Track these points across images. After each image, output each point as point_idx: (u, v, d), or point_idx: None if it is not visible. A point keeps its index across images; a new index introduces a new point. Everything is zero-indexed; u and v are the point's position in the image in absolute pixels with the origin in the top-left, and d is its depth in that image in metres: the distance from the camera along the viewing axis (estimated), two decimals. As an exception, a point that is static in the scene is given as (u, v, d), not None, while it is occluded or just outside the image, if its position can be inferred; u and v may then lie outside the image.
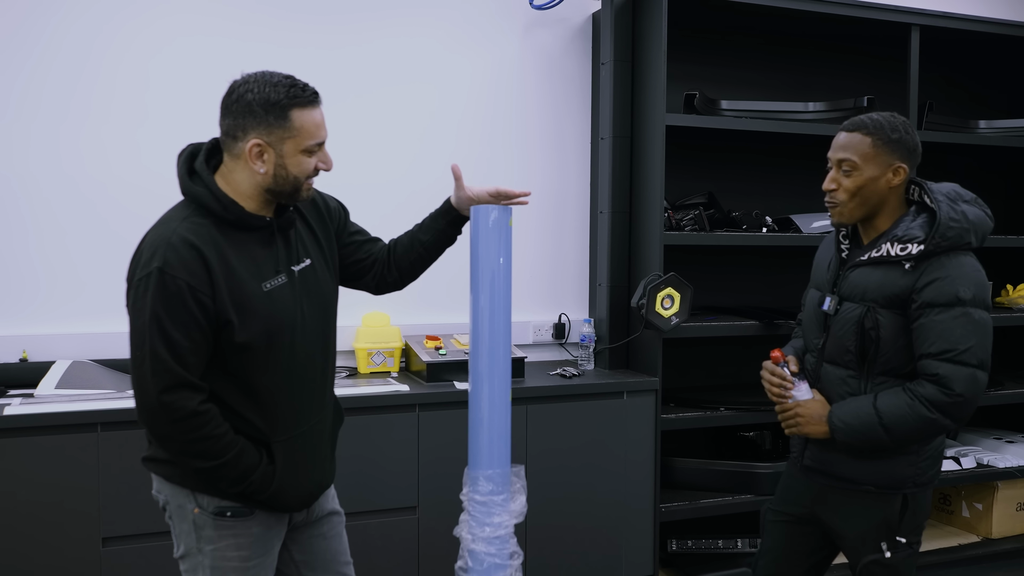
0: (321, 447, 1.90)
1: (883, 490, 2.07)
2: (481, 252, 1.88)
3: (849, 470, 2.10)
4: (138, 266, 1.68)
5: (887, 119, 2.05)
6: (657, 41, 3.17)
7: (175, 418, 1.64)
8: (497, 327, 1.87)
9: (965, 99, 4.21)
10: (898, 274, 2.00)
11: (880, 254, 2.03)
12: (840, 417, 2.04)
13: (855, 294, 2.06)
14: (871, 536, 2.08)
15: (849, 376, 2.08)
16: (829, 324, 2.12)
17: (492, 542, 1.82)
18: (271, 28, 3.13)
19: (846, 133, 2.06)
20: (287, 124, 1.71)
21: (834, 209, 2.08)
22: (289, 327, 1.78)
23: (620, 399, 3.09)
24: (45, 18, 2.88)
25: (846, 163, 2.03)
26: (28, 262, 2.90)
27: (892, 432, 1.98)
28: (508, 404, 1.88)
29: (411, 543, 2.83)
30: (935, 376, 1.95)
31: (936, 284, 1.95)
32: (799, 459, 2.22)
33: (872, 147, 2.01)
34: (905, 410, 1.97)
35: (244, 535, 1.78)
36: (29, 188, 2.89)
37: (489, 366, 1.86)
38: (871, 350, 2.03)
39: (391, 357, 3.17)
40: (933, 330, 1.95)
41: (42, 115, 2.89)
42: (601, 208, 3.38)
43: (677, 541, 3.41)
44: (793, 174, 3.84)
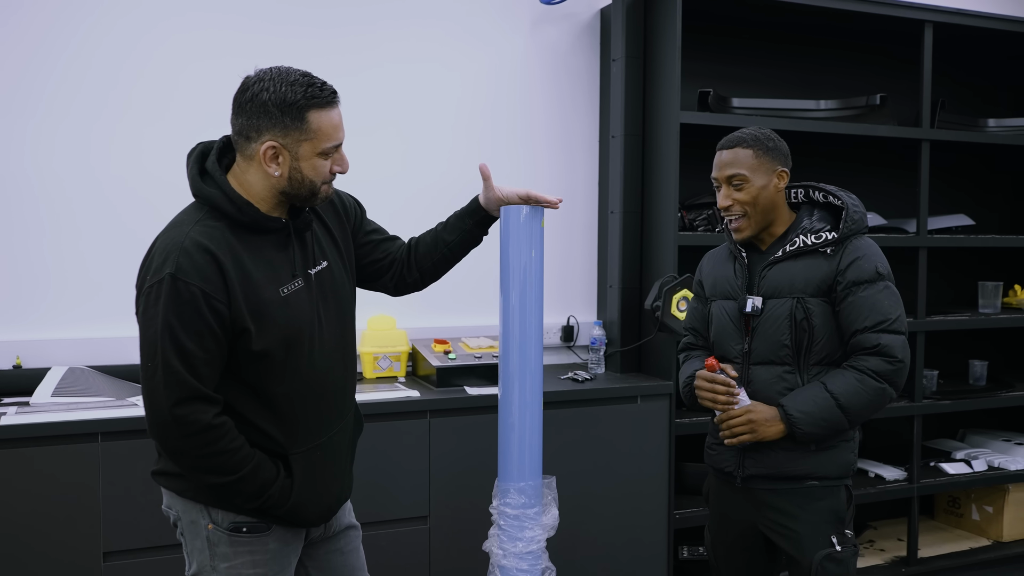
0: (341, 458, 1.82)
1: (826, 482, 2.09)
2: (512, 253, 1.80)
3: (792, 467, 2.10)
4: (149, 272, 1.59)
5: (759, 132, 2.15)
6: (671, 37, 3.09)
7: (188, 432, 1.56)
8: (528, 319, 1.79)
9: (972, 97, 4.17)
10: (820, 260, 2.08)
11: (796, 247, 2.10)
12: (797, 408, 2.04)
13: (780, 289, 2.10)
14: (821, 531, 2.08)
15: (785, 372, 2.10)
16: (752, 327, 2.13)
17: (524, 557, 1.75)
18: (278, 22, 3.04)
19: (727, 150, 2.14)
20: (304, 126, 1.62)
21: (738, 223, 2.13)
22: (308, 333, 1.70)
23: (634, 403, 3.02)
24: (76, 21, 2.83)
25: (736, 177, 2.11)
26: (19, 265, 2.80)
27: (849, 411, 2.02)
28: (540, 412, 1.81)
29: (422, 554, 2.75)
30: (876, 347, 2.01)
31: (857, 263, 2.05)
32: (736, 472, 2.18)
33: (755, 157, 2.11)
34: (857, 386, 2.01)
35: (260, 551, 1.69)
36: (22, 189, 2.79)
37: (520, 375, 1.78)
38: (805, 340, 2.07)
39: (398, 361, 3.09)
40: (864, 305, 2.03)
41: (39, 115, 2.80)
42: (612, 208, 3.31)
43: (689, 548, 3.35)
44: (801, 173, 3.77)
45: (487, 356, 3.00)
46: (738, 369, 2.15)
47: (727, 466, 2.21)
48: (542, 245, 1.83)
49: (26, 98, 2.78)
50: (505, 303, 1.82)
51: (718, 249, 2.34)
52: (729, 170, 2.12)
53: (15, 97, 2.77)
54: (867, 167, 3.81)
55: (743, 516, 2.22)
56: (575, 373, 3.13)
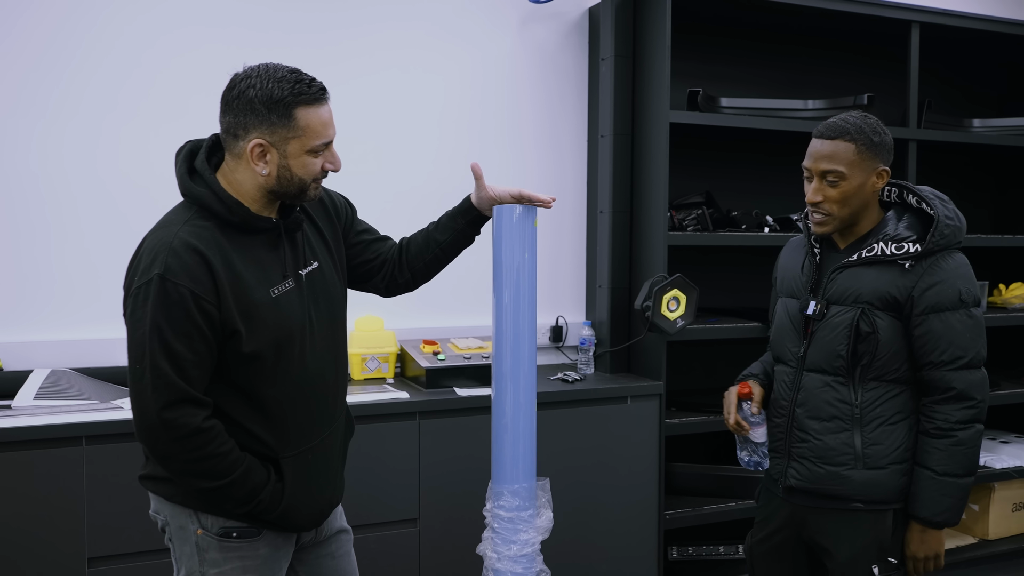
0: (332, 462, 1.79)
1: (873, 506, 1.97)
2: (505, 253, 1.78)
3: (837, 487, 1.99)
4: (137, 273, 1.56)
5: (865, 121, 1.96)
6: (661, 37, 3.08)
7: (177, 436, 1.53)
8: (521, 321, 1.76)
9: (958, 97, 4.19)
10: (896, 274, 1.92)
11: (874, 254, 1.94)
12: (935, 512, 1.92)
13: (846, 296, 1.96)
14: (862, 558, 1.98)
15: (836, 382, 1.98)
16: (812, 330, 2.01)
17: (519, 560, 1.73)
18: (266, 28, 3.00)
19: (827, 140, 1.94)
20: (291, 123, 1.59)
21: (822, 219, 1.97)
22: (299, 335, 1.67)
23: (624, 404, 3.01)
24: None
25: (832, 174, 1.92)
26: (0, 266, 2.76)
27: (970, 472, 1.92)
28: (534, 413, 1.79)
29: (412, 557, 2.73)
30: (953, 392, 1.90)
31: (939, 287, 1.90)
32: (781, 479, 2.10)
33: (857, 154, 1.92)
34: (957, 450, 1.90)
35: (251, 557, 1.66)
36: (11, 188, 2.74)
37: (513, 377, 1.76)
38: (867, 354, 1.94)
39: (386, 363, 3.06)
40: (941, 337, 1.90)
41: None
42: (601, 208, 3.30)
43: (678, 548, 3.34)
44: (789, 173, 3.76)
45: (477, 357, 2.97)
46: (791, 373, 2.07)
47: (774, 472, 2.13)
48: (535, 245, 1.81)
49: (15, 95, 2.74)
50: (498, 303, 1.80)
51: (797, 239, 2.19)
52: (825, 164, 1.93)
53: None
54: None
55: (785, 525, 2.13)
56: (565, 374, 3.11)
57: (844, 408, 1.98)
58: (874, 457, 1.96)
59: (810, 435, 2.02)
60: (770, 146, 3.69)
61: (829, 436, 1.99)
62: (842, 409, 1.98)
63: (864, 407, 1.97)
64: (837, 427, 1.98)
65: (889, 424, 1.96)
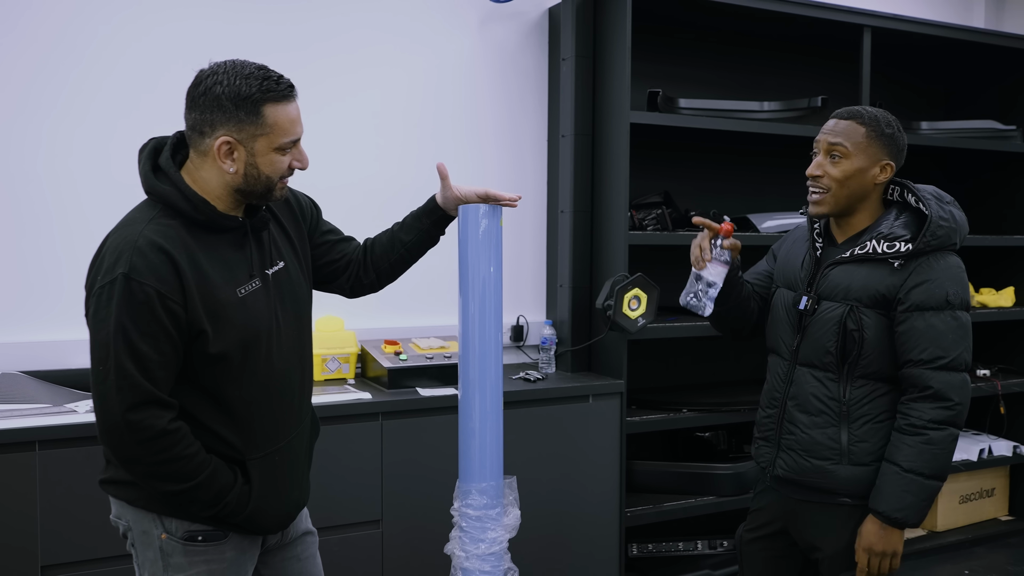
0: (298, 464, 1.77)
1: (860, 501, 1.98)
2: (471, 252, 1.78)
3: (822, 480, 2.00)
4: (100, 272, 1.52)
5: (881, 114, 1.99)
6: (621, 38, 3.11)
7: (143, 439, 1.49)
8: (488, 331, 1.77)
9: (912, 99, 4.30)
10: (885, 272, 1.93)
11: (865, 251, 1.95)
12: (894, 508, 1.90)
13: (836, 293, 1.98)
14: (849, 552, 1.99)
15: (827, 378, 2.00)
16: (804, 325, 2.03)
17: (487, 559, 1.72)
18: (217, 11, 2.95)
19: (842, 120, 1.98)
20: (259, 120, 1.57)
21: (818, 197, 1.98)
22: (265, 335, 1.65)
23: (585, 402, 3.02)
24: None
25: (837, 148, 1.95)
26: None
27: (937, 474, 1.90)
28: (500, 411, 1.79)
29: (375, 559, 2.71)
30: (929, 391, 1.89)
31: (925, 286, 1.90)
32: (770, 468, 2.12)
33: (866, 137, 1.95)
34: (928, 449, 1.88)
35: (217, 561, 1.64)
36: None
37: (481, 376, 1.75)
38: (853, 352, 1.95)
39: (346, 363, 3.03)
40: (924, 335, 1.89)
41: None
42: (562, 207, 3.31)
43: (638, 545, 3.37)
44: (745, 173, 3.85)
45: (439, 357, 2.96)
46: (785, 366, 2.08)
47: (763, 461, 2.14)
48: (501, 244, 1.81)
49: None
50: (464, 304, 1.79)
51: (803, 230, 2.18)
52: (833, 138, 1.95)
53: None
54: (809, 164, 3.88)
55: (775, 518, 2.13)
56: (526, 373, 3.12)
57: (832, 404, 2.00)
58: (859, 454, 1.97)
59: (799, 428, 2.04)
60: (727, 147, 3.75)
61: (816, 430, 2.01)
62: (830, 405, 2.00)
63: (851, 404, 1.98)
64: (825, 422, 2.00)
65: (876, 422, 1.97)
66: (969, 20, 4.49)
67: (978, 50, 3.98)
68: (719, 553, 3.43)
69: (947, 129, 3.92)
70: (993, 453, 3.97)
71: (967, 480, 4.05)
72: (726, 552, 3.44)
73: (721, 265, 2.01)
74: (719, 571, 3.37)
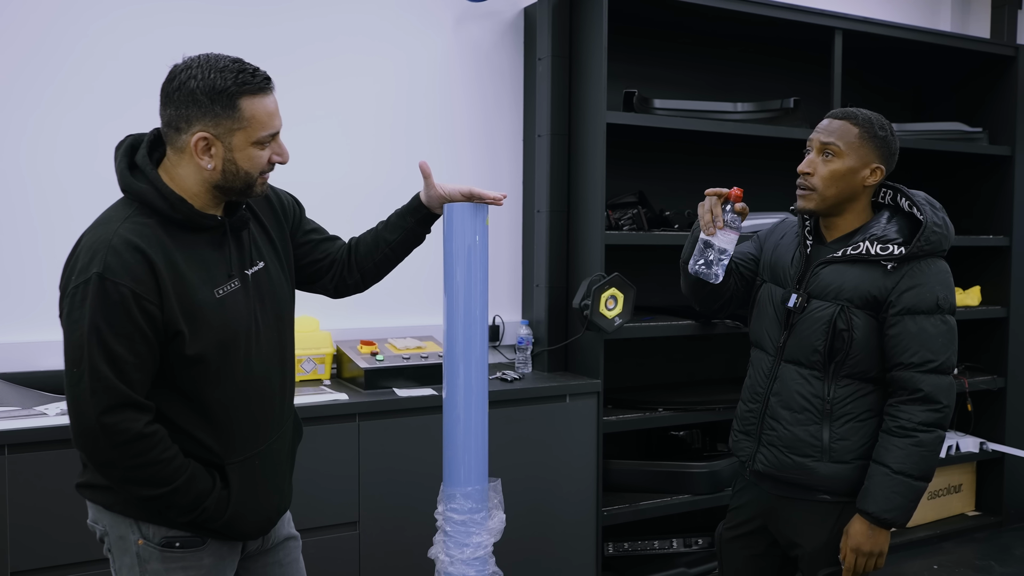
0: (280, 468, 1.74)
1: (839, 498, 2.01)
2: (457, 251, 1.76)
3: (802, 477, 2.02)
4: (74, 272, 1.49)
5: (875, 117, 2.02)
6: (597, 38, 3.11)
7: (118, 442, 1.46)
8: (473, 333, 1.75)
9: (883, 102, 4.35)
10: (878, 274, 1.95)
11: (858, 252, 1.97)
12: (883, 508, 1.91)
13: (827, 292, 1.99)
14: (828, 549, 2.02)
15: (812, 376, 2.01)
16: (793, 322, 2.04)
17: (472, 563, 1.71)
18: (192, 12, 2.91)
19: (836, 120, 2.01)
20: (236, 114, 1.54)
21: (807, 194, 2.00)
22: (244, 337, 1.62)
23: (563, 402, 3.02)
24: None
25: (830, 147, 1.97)
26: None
27: (925, 475, 1.92)
28: (485, 413, 1.78)
29: (352, 561, 2.68)
30: (920, 394, 1.91)
31: (917, 290, 1.92)
32: (749, 462, 2.13)
33: (858, 138, 1.98)
34: (917, 451, 1.90)
35: (195, 567, 1.61)
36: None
37: (466, 380, 1.74)
38: (841, 351, 1.96)
39: (322, 364, 3.00)
40: (916, 338, 1.92)
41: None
42: (538, 207, 3.30)
43: (614, 544, 3.38)
44: (719, 173, 3.86)
45: (416, 357, 2.95)
46: (769, 362, 2.09)
47: (743, 455, 2.15)
48: (487, 243, 1.80)
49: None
50: (450, 302, 1.78)
51: (791, 222, 2.19)
52: (826, 137, 1.98)
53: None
54: (783, 164, 3.91)
55: (755, 516, 2.15)
56: (503, 373, 3.11)
57: (816, 402, 2.01)
58: (840, 452, 1.99)
59: (781, 424, 2.05)
60: (702, 147, 3.77)
61: (799, 427, 2.02)
62: (814, 402, 2.01)
63: (835, 402, 2.00)
64: (807, 419, 2.01)
65: (858, 421, 1.99)
66: (936, 24, 4.57)
67: (945, 53, 4.04)
68: (694, 551, 3.45)
69: (915, 131, 3.97)
70: (960, 450, 4.03)
71: (935, 477, 4.08)
72: (701, 550, 3.46)
73: (732, 231, 2.01)
74: (694, 569, 3.39)
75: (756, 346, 2.17)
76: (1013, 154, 4.05)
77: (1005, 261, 4.11)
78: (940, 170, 4.39)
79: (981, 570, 3.69)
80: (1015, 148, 4.04)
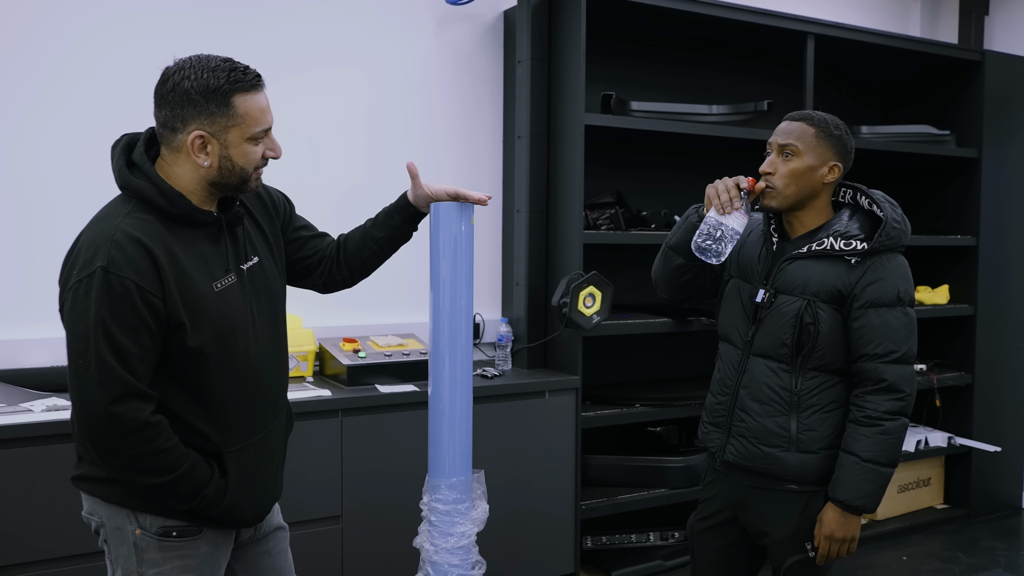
0: (274, 457, 1.79)
1: (806, 487, 2.08)
2: (443, 250, 1.82)
3: (771, 467, 2.08)
4: (75, 267, 1.53)
5: (831, 117, 2.10)
6: (576, 41, 3.17)
7: (125, 431, 1.50)
8: (458, 328, 1.80)
9: (851, 103, 4.46)
10: (841, 269, 2.03)
11: (823, 247, 2.04)
12: (853, 496, 1.98)
13: (794, 287, 2.06)
14: (796, 536, 2.08)
15: (780, 369, 2.07)
16: (761, 317, 2.10)
17: (455, 552, 1.76)
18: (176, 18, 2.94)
19: (793, 122, 2.10)
20: (230, 111, 1.59)
21: (769, 192, 2.09)
22: (241, 329, 1.66)
23: (542, 398, 3.08)
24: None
25: (789, 148, 2.06)
26: None
27: (892, 461, 2.00)
28: (470, 406, 1.83)
29: (335, 555, 2.73)
30: (884, 384, 1.99)
31: (879, 284, 2.00)
32: (720, 453, 2.19)
33: (815, 137, 2.06)
34: (883, 439, 1.98)
35: (191, 556, 1.65)
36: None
37: (451, 374, 1.79)
38: (808, 344, 2.03)
39: (305, 361, 3.04)
40: (879, 330, 2.00)
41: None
42: (518, 207, 3.36)
43: (592, 538, 3.44)
44: (696, 174, 3.93)
45: (397, 354, 3.00)
46: (738, 356, 2.15)
47: (713, 446, 2.21)
48: (472, 242, 1.86)
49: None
50: (435, 300, 1.83)
51: (756, 219, 2.25)
52: (784, 138, 2.07)
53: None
54: (757, 166, 3.99)
55: (726, 507, 2.20)
56: (483, 370, 3.17)
57: (784, 394, 2.08)
58: (807, 442, 2.06)
59: (750, 415, 2.12)
60: (677, 148, 3.84)
61: (767, 419, 2.09)
62: (782, 394, 2.08)
63: (802, 394, 2.07)
64: (775, 411, 2.09)
65: (824, 412, 2.07)
66: (906, 29, 4.68)
67: (914, 57, 4.15)
68: (670, 544, 3.53)
69: (885, 133, 4.08)
70: (929, 444, 4.13)
71: (905, 470, 4.22)
72: (677, 543, 3.53)
73: (744, 215, 2.06)
74: (670, 562, 3.46)
75: (724, 340, 2.24)
76: (980, 156, 4.16)
77: (972, 261, 4.22)
78: (909, 172, 4.50)
79: (948, 560, 3.79)
80: (981, 150, 4.16)
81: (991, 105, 4.19)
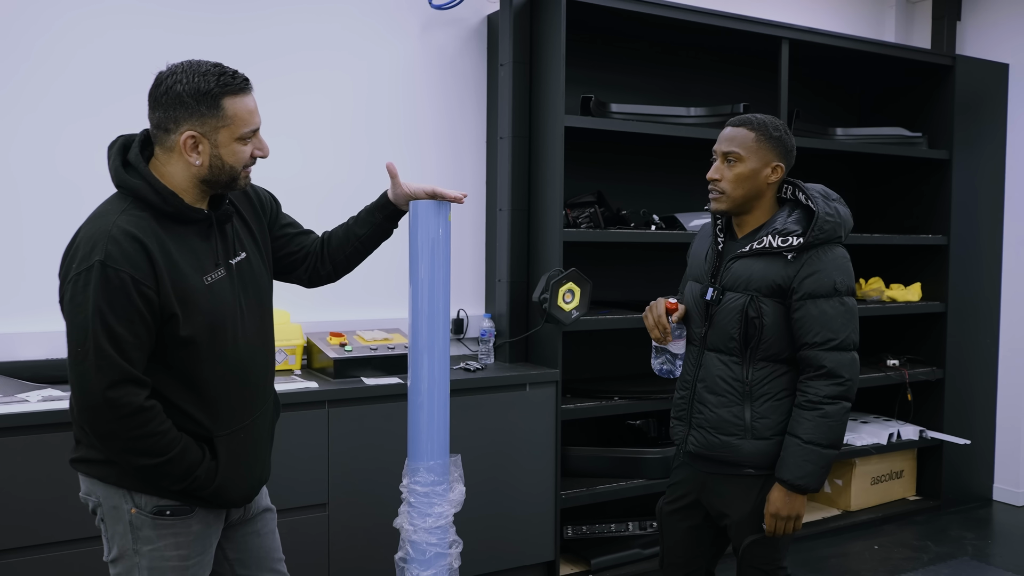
0: (262, 442, 1.89)
1: (762, 471, 2.19)
2: (422, 245, 1.92)
3: (731, 455, 2.20)
4: (75, 261, 1.63)
5: (769, 120, 2.21)
6: (556, 45, 3.28)
7: (121, 415, 1.60)
8: (436, 317, 1.90)
9: (826, 105, 4.57)
10: (780, 264, 2.14)
11: (762, 246, 2.16)
12: (795, 475, 2.10)
13: (738, 284, 2.18)
14: (753, 517, 2.20)
15: (732, 362, 2.19)
16: (711, 314, 2.23)
17: (433, 532, 1.86)
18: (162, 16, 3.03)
19: (733, 128, 2.20)
20: (220, 113, 1.69)
21: (718, 196, 2.20)
22: (231, 321, 1.76)
23: (523, 391, 3.18)
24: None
25: (731, 154, 2.17)
26: None
27: (833, 443, 2.11)
28: (447, 393, 1.93)
29: (321, 541, 2.82)
30: (823, 370, 2.11)
31: (815, 276, 2.11)
32: (683, 445, 2.32)
33: (755, 141, 2.16)
34: (824, 421, 2.09)
35: (184, 534, 1.75)
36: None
37: (429, 360, 1.90)
38: (754, 337, 2.15)
39: (293, 355, 3.13)
40: (815, 320, 2.11)
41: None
42: (500, 206, 3.46)
43: (573, 527, 3.54)
44: (674, 174, 4.06)
45: (383, 348, 3.09)
46: (695, 352, 2.28)
47: (677, 439, 2.33)
48: (449, 237, 1.96)
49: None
50: (414, 292, 1.93)
51: (708, 227, 2.37)
52: (727, 145, 2.18)
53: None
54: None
55: (690, 491, 2.32)
56: (466, 363, 3.26)
57: (737, 385, 2.20)
58: (761, 429, 2.18)
59: (707, 407, 2.24)
60: (656, 149, 3.95)
61: (723, 409, 2.21)
62: (735, 385, 2.20)
63: (754, 384, 2.19)
64: (730, 401, 2.21)
65: (775, 400, 2.19)
66: (881, 34, 4.80)
67: (888, 62, 4.27)
68: (649, 534, 3.63)
69: (859, 135, 4.20)
70: (901, 437, 4.26)
71: (878, 463, 4.34)
72: (655, 532, 3.63)
73: (679, 338, 2.33)
74: (648, 550, 3.56)
75: (689, 341, 2.36)
76: (950, 158, 4.29)
77: (943, 259, 4.34)
78: (883, 173, 4.62)
79: (918, 549, 3.91)
80: (952, 152, 4.28)
81: (962, 108, 4.32)
